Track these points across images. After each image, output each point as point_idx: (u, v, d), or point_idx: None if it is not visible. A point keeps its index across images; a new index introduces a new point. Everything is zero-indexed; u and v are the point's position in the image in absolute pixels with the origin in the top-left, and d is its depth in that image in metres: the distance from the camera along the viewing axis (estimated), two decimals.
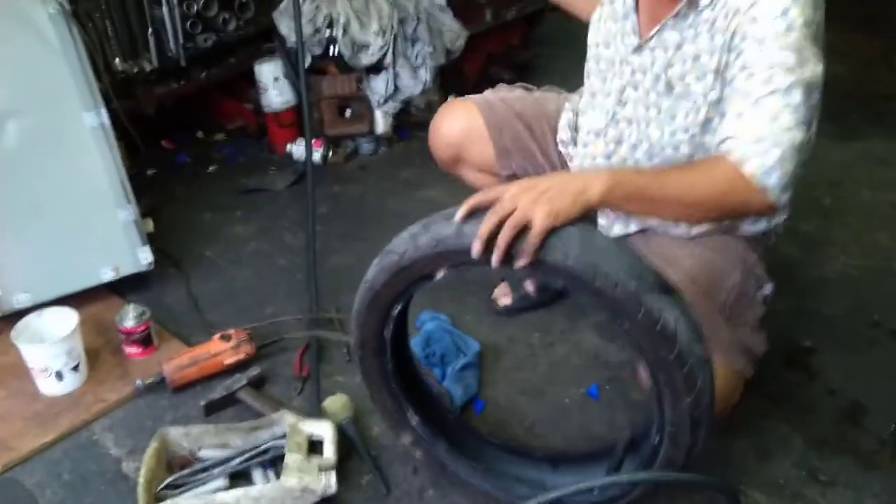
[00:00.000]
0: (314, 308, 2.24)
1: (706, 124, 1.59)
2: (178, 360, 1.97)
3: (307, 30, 2.84)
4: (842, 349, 2.10)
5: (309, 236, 2.41)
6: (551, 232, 1.25)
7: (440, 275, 1.37)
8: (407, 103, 3.13)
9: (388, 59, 2.97)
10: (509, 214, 1.24)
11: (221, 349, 2.00)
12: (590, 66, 1.83)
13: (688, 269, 1.64)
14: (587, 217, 1.32)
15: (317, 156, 2.98)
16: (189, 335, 2.16)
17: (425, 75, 3.06)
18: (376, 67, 3.00)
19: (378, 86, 3.01)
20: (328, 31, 2.86)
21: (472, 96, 2.03)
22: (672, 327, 1.27)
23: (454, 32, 3.13)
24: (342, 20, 2.86)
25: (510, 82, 3.51)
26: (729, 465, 1.74)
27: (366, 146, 3.13)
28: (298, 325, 2.19)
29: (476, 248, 1.25)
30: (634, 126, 1.71)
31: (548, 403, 1.97)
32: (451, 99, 2.02)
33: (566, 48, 3.98)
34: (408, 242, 1.36)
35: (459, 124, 1.98)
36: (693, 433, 1.37)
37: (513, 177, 1.95)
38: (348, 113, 3.09)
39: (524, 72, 3.66)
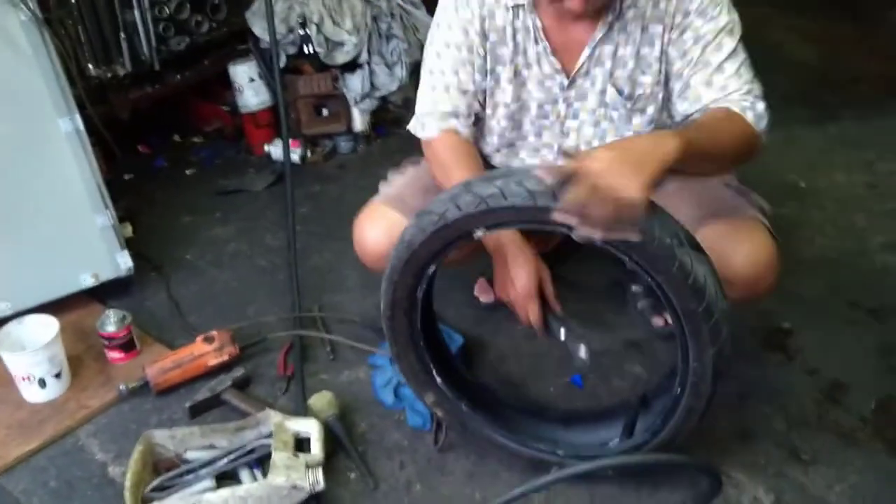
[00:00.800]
0: (297, 307, 2.24)
1: (664, 106, 1.71)
2: (160, 364, 1.96)
3: (281, 29, 2.84)
4: (820, 329, 2.13)
5: (290, 236, 2.42)
6: None
7: (479, 233, 1.43)
8: (384, 100, 3.14)
9: (364, 56, 2.97)
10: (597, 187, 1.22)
11: (205, 351, 2.00)
12: (503, 124, 1.83)
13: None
14: None
15: (295, 156, 2.98)
16: (171, 339, 2.16)
17: (401, 72, 3.07)
18: (352, 65, 3.00)
19: (354, 84, 3.01)
20: (302, 30, 2.86)
21: (374, 199, 1.97)
22: (702, 281, 1.35)
23: (428, 28, 3.13)
24: (315, 19, 2.86)
25: None
26: (711, 446, 1.76)
27: (344, 145, 3.13)
28: (281, 325, 2.19)
29: (562, 216, 1.27)
30: (586, 147, 1.76)
31: (532, 393, 1.98)
32: (359, 215, 1.97)
33: None
34: (447, 203, 1.42)
35: (381, 232, 1.87)
36: (714, 383, 1.47)
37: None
38: (325, 112, 3.10)
39: None
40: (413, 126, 1.84)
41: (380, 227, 1.88)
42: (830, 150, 3.01)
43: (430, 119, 1.78)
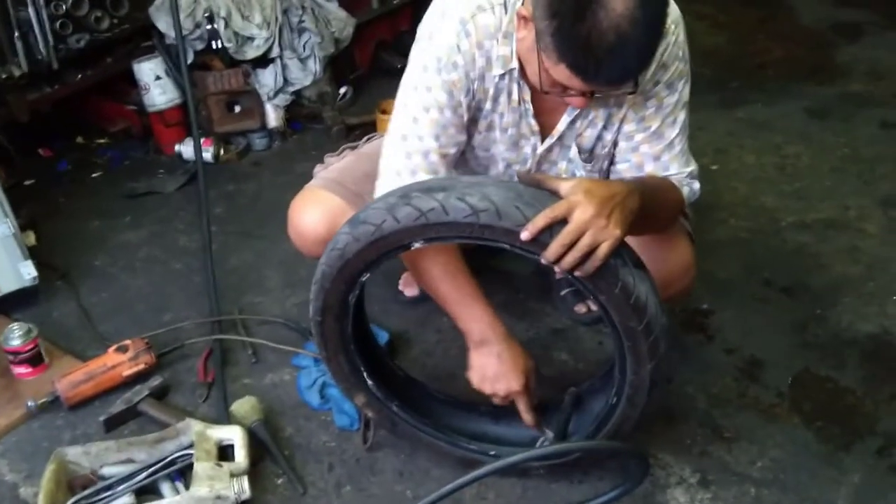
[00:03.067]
0: (215, 311, 2.17)
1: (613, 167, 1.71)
2: (71, 377, 1.87)
3: (187, 24, 2.75)
4: (737, 309, 2.18)
5: (205, 237, 2.34)
6: None
7: (416, 245, 1.40)
8: (298, 95, 3.07)
9: (276, 51, 2.90)
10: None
11: (118, 361, 1.92)
12: (471, 164, 1.79)
13: None
14: None
15: (208, 154, 2.89)
16: (82, 350, 2.07)
17: (315, 66, 3.01)
18: (263, 60, 2.93)
19: (267, 79, 2.94)
20: (210, 24, 2.77)
21: (311, 184, 1.91)
22: (644, 299, 1.37)
23: (341, 21, 3.09)
24: (223, 13, 2.77)
25: (401, 68, 3.55)
26: (636, 428, 1.78)
27: (258, 141, 3.05)
28: (200, 330, 2.12)
29: (547, 259, 1.33)
30: None
31: (461, 387, 1.95)
32: (296, 198, 1.90)
33: None
34: (384, 213, 1.37)
35: (319, 216, 1.81)
36: (650, 394, 1.50)
37: None
38: (237, 108, 3.01)
39: None
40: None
41: (317, 210, 1.82)
42: (740, 133, 3.09)
43: None
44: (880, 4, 4.05)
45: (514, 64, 1.54)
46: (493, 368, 1.62)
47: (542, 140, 1.67)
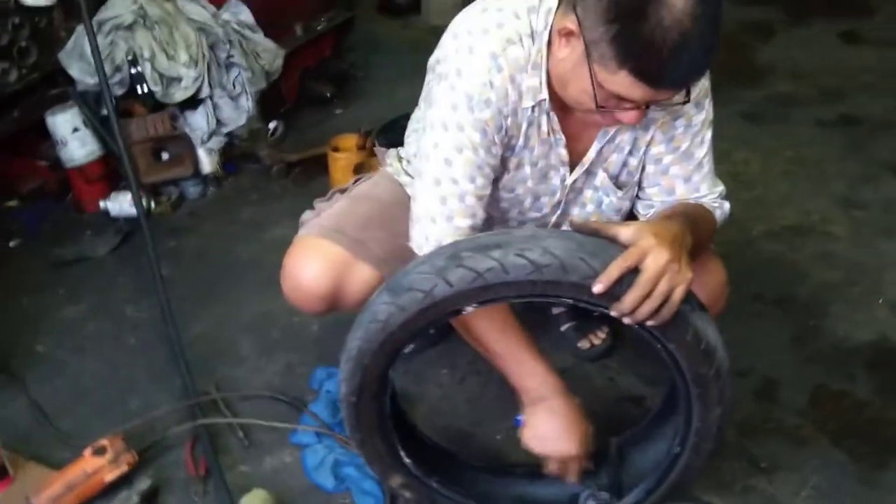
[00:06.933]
0: (191, 391, 1.95)
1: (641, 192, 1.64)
2: (49, 491, 1.63)
3: (105, 68, 2.48)
4: (736, 328, 2.10)
5: (162, 304, 2.11)
6: None
7: (469, 309, 1.31)
8: (229, 135, 2.85)
9: (205, 90, 2.67)
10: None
11: (98, 465, 1.68)
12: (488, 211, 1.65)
13: None
14: None
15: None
16: (46, 453, 1.81)
17: (247, 103, 2.80)
18: (192, 102, 2.69)
19: (198, 121, 2.71)
20: (133, 67, 2.52)
21: (306, 233, 1.76)
22: (714, 344, 1.32)
23: (271, 52, 2.89)
24: (147, 54, 2.53)
25: (331, 96, 3.39)
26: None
27: (192, 189, 2.81)
28: (178, 416, 1.90)
29: (617, 312, 1.26)
30: None
31: (480, 445, 1.84)
32: (290, 250, 1.76)
33: (379, 53, 3.87)
34: (434, 278, 1.26)
35: (322, 268, 1.68)
36: (717, 440, 1.44)
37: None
38: (166, 156, 2.76)
39: (342, 83, 3.47)
40: (420, 244, 1.52)
41: (318, 262, 1.68)
42: None
43: (448, 239, 1.45)
44: (782, 0, 4.19)
45: (544, 94, 1.45)
46: (549, 427, 1.53)
47: (571, 170, 1.58)
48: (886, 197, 2.74)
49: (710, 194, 1.60)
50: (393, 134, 2.55)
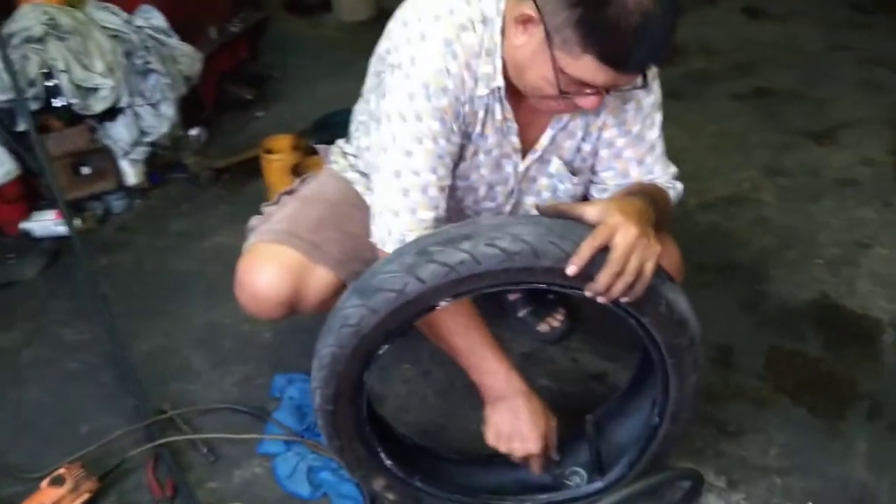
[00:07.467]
0: (145, 410, 1.86)
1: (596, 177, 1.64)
2: None
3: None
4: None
5: (108, 323, 2.01)
6: None
7: (443, 304, 1.28)
8: (152, 145, 2.74)
9: (125, 99, 2.56)
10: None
11: (58, 496, 1.59)
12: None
13: None
14: None
15: (64, 228, 2.49)
16: None
17: (168, 110, 2.70)
18: (110, 113, 2.57)
19: (119, 132, 2.59)
20: (49, 80, 2.39)
21: (258, 239, 1.69)
22: (686, 314, 1.34)
23: (189, 57, 2.79)
24: (61, 66, 2.40)
25: (250, 100, 3.30)
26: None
27: (117, 203, 2.69)
28: (134, 437, 1.81)
29: (574, 272, 1.23)
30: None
31: (455, 437, 1.82)
32: (244, 258, 1.67)
33: (293, 53, 3.80)
34: (405, 276, 1.24)
35: (279, 274, 1.62)
36: (693, 408, 1.48)
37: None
38: (86, 170, 2.63)
39: (260, 85, 3.39)
40: (383, 239, 1.47)
41: (275, 268, 1.62)
42: None
43: (412, 233, 1.43)
44: None
45: (500, 82, 1.44)
46: (509, 426, 1.52)
47: (524, 157, 1.57)
48: (807, 163, 2.85)
49: (663, 175, 1.62)
50: (326, 131, 2.52)
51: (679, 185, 1.65)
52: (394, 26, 1.47)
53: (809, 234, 2.45)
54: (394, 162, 1.44)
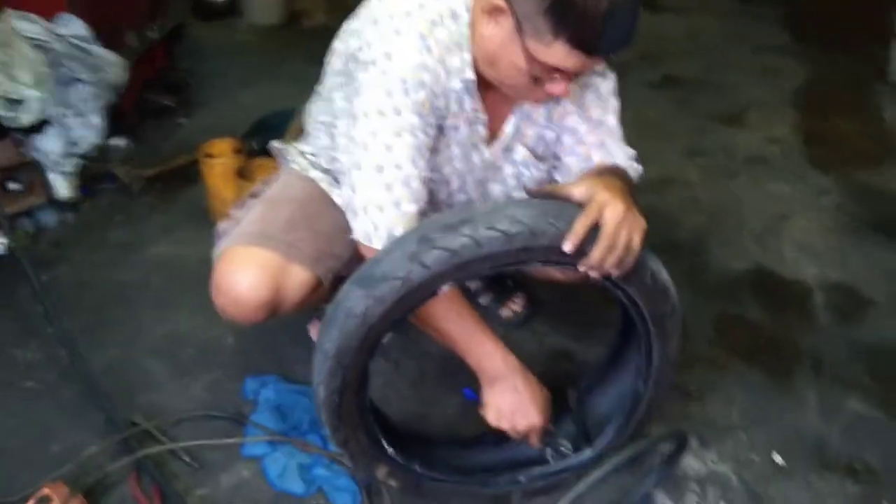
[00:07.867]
0: (118, 423, 1.81)
1: (559, 163, 1.69)
2: None
3: None
4: None
5: (65, 338, 1.94)
6: None
7: (445, 289, 1.33)
8: (83, 157, 2.65)
9: (52, 110, 2.47)
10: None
11: None
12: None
13: None
14: None
15: None
16: None
17: (97, 120, 2.62)
18: (38, 125, 2.48)
19: (49, 145, 2.50)
20: None
21: (233, 243, 1.66)
22: (667, 281, 1.42)
23: (114, 65, 2.71)
24: None
25: (174, 107, 3.23)
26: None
27: (48, 218, 2.58)
28: (111, 452, 1.76)
29: (585, 267, 1.32)
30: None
31: (437, 423, 1.87)
32: (220, 263, 1.65)
33: (207, 58, 3.74)
34: (408, 263, 1.27)
35: (258, 277, 1.60)
36: (673, 373, 1.57)
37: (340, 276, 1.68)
38: (13, 186, 2.52)
39: (179, 92, 3.32)
40: (368, 235, 1.47)
41: (253, 271, 1.60)
42: None
43: (399, 227, 1.44)
44: None
45: (471, 75, 1.48)
46: (510, 405, 1.57)
47: (489, 146, 1.63)
48: (721, 144, 3.04)
49: (624, 158, 1.69)
50: (267, 134, 2.50)
51: (638, 166, 1.74)
52: (363, 24, 1.49)
53: (735, 210, 2.62)
54: (375, 158, 1.45)
